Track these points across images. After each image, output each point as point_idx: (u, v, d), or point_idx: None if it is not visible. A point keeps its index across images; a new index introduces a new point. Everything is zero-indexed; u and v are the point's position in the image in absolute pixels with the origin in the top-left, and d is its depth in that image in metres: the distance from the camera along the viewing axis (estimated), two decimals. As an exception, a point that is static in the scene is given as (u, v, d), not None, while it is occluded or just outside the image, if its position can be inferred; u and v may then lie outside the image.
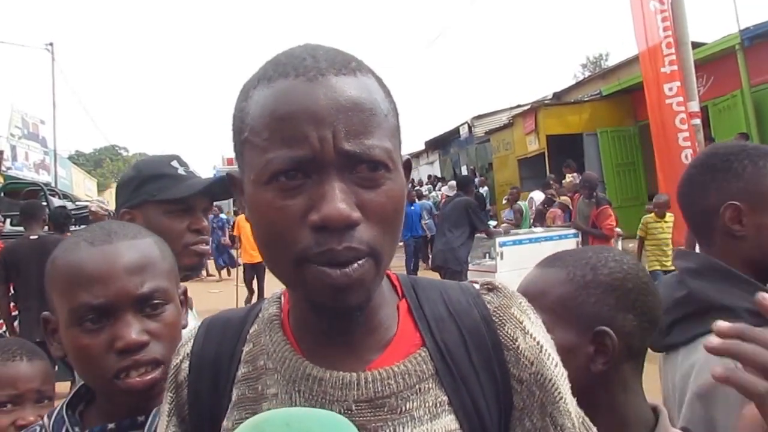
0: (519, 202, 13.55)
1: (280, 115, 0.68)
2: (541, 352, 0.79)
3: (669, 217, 7.87)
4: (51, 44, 23.50)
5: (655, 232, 7.87)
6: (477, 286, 0.86)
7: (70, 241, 1.09)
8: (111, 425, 1.05)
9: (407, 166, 0.81)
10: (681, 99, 8.29)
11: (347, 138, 0.67)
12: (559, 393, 0.79)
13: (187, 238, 1.59)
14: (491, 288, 0.85)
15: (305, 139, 0.67)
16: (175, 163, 1.65)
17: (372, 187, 0.69)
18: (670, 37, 8.20)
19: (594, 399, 1.07)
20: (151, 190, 1.59)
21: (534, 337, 0.80)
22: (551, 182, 13.11)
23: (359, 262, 0.68)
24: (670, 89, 8.19)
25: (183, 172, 1.65)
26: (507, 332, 0.80)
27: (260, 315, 0.86)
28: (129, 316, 1.01)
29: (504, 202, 12.49)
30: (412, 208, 13.18)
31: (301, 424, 0.63)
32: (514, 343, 0.79)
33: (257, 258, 9.40)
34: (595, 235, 8.10)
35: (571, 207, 10.60)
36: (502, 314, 0.81)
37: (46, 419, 1.08)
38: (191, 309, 1.46)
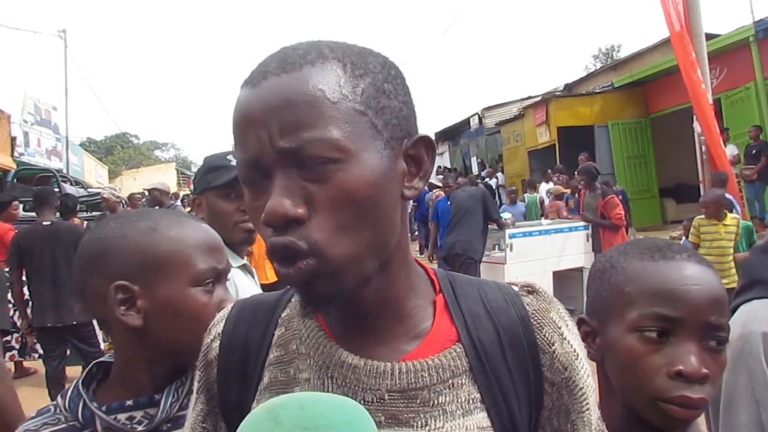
0: (525, 195, 13.52)
1: (233, 125, 0.73)
2: (576, 359, 0.80)
3: (731, 219, 6.17)
4: (64, 31, 23.69)
5: (709, 238, 6.13)
6: (516, 288, 0.86)
7: (143, 227, 1.13)
8: (129, 402, 1.08)
9: (426, 144, 0.77)
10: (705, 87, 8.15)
11: (281, 135, 0.67)
12: (587, 403, 0.79)
13: (236, 217, 1.96)
14: (531, 290, 0.84)
15: (247, 143, 0.70)
16: (230, 157, 1.99)
17: (319, 181, 0.68)
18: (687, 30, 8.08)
19: None
20: (209, 179, 1.99)
21: (571, 344, 0.80)
22: (551, 174, 13.15)
23: (299, 263, 0.68)
24: (702, 75, 8.05)
25: (235, 164, 1.91)
26: (545, 335, 0.80)
27: (292, 300, 0.87)
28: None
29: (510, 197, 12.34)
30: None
31: (315, 409, 0.63)
32: (551, 347, 0.79)
33: (269, 277, 7.31)
34: (605, 225, 7.93)
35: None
36: (541, 317, 0.81)
37: (59, 399, 1.10)
38: None
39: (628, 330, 1.03)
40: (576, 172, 9.76)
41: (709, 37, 9.73)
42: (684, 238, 6.96)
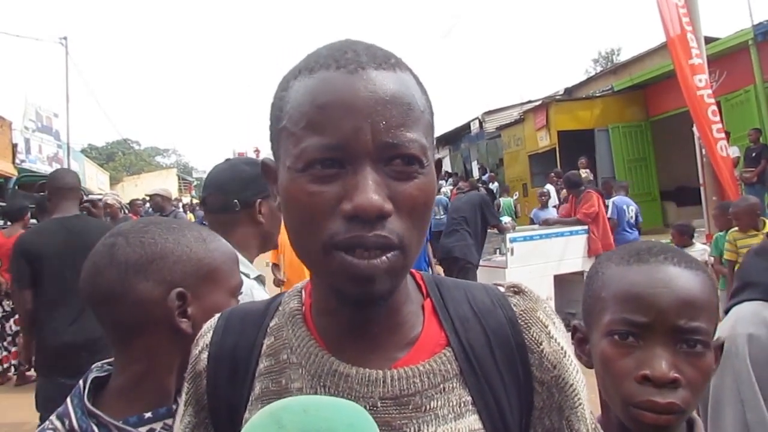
0: (501, 198, 13.60)
1: (319, 104, 0.69)
2: (564, 357, 0.80)
3: None
4: (65, 38, 23.72)
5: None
6: (502, 289, 0.86)
7: (191, 236, 1.15)
8: (148, 414, 1.04)
9: (438, 166, 0.82)
10: (710, 91, 8.14)
11: (386, 130, 0.68)
12: (578, 398, 0.80)
13: None
14: (517, 291, 0.85)
15: (340, 129, 0.68)
16: None
17: (405, 180, 0.70)
18: (692, 33, 8.09)
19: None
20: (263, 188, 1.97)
21: (558, 342, 0.81)
22: (553, 176, 13.19)
23: (389, 254, 0.68)
24: (700, 80, 8.02)
25: None
26: (532, 335, 0.81)
27: (280, 309, 0.87)
28: None
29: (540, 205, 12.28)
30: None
31: (318, 412, 0.63)
32: (539, 347, 0.80)
33: None
34: (568, 223, 8.08)
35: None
36: (528, 317, 0.82)
37: (56, 421, 1.04)
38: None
39: (603, 335, 1.03)
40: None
41: (709, 40, 9.75)
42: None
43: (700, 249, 6.63)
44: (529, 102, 19.11)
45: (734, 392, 1.24)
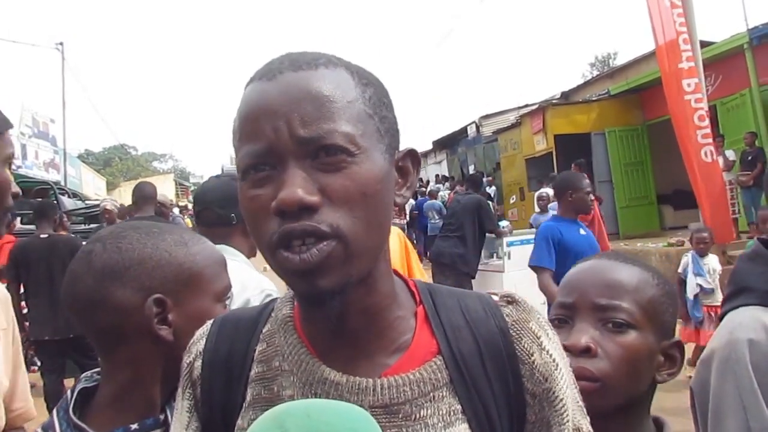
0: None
1: (243, 116, 0.74)
2: (555, 369, 0.80)
3: None
4: (61, 44, 23.63)
5: None
6: (496, 298, 0.86)
7: (172, 240, 1.11)
8: (134, 425, 1.02)
9: (413, 157, 0.82)
10: (699, 96, 8.15)
11: (302, 125, 0.70)
12: (567, 414, 0.79)
13: None
14: (511, 301, 0.85)
15: (261, 133, 0.71)
16: None
17: (333, 171, 0.70)
18: (686, 33, 8.11)
19: (637, 411, 1.13)
20: None
21: (550, 354, 0.80)
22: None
23: (320, 245, 0.69)
24: (689, 85, 8.05)
25: None
26: (524, 346, 0.80)
27: (273, 315, 0.87)
28: None
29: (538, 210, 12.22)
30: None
31: (321, 416, 0.64)
32: (530, 358, 0.80)
33: None
34: None
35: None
36: (520, 328, 0.81)
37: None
38: None
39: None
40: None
41: (704, 44, 9.78)
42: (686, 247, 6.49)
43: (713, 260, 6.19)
44: (526, 106, 19.15)
45: (736, 399, 1.23)
